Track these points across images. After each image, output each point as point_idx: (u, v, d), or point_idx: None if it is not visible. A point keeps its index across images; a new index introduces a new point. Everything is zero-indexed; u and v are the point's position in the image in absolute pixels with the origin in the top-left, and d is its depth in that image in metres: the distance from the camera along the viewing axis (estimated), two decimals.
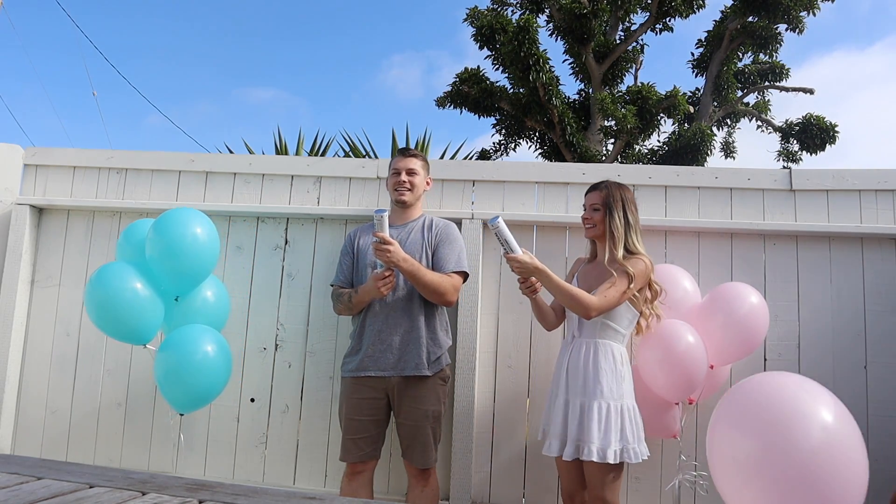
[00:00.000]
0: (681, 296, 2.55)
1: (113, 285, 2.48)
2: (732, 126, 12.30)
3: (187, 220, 2.58)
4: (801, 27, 10.04)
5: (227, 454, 2.99)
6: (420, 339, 2.45)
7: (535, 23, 9.08)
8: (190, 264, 2.57)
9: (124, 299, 2.47)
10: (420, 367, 2.43)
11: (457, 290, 2.52)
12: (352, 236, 2.68)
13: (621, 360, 2.27)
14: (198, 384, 2.54)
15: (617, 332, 2.29)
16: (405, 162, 2.60)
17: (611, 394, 2.20)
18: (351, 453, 2.46)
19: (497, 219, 2.23)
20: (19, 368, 3.14)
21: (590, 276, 2.37)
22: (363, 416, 2.46)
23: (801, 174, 2.88)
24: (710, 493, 2.66)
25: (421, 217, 2.64)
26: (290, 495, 1.25)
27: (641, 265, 2.27)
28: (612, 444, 2.16)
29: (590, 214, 2.38)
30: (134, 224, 2.78)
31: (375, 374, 2.45)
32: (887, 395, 2.68)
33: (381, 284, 2.36)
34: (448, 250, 2.53)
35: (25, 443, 3.11)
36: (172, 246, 2.53)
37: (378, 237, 2.31)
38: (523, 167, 3.12)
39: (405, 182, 2.58)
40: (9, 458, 1.58)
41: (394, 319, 2.46)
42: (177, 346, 2.55)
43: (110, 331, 2.57)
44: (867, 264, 2.78)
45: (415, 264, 2.39)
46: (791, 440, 1.69)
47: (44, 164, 3.27)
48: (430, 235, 2.56)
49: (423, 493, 2.47)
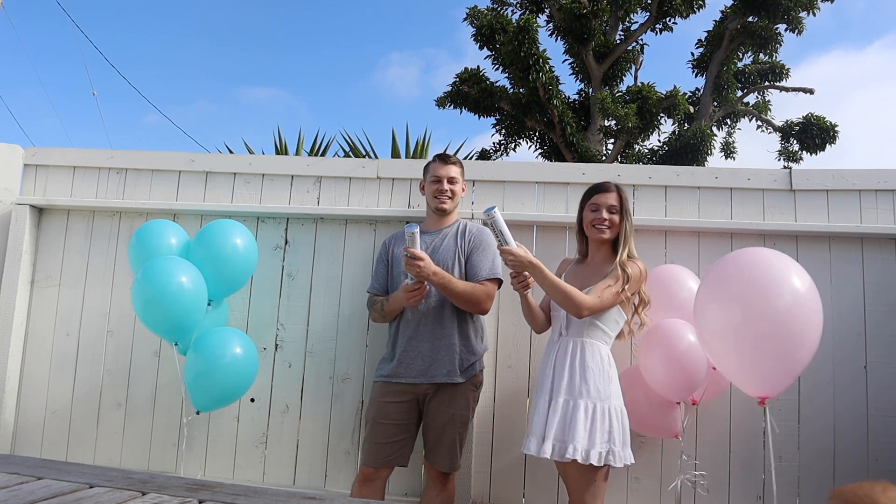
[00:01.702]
0: (686, 296, 2.54)
1: (165, 279, 2.51)
2: (732, 126, 12.30)
3: (236, 231, 2.73)
4: (800, 27, 10.04)
5: (227, 454, 2.99)
6: (453, 347, 2.43)
7: (535, 23, 9.09)
8: (234, 274, 2.72)
9: (173, 293, 2.50)
10: (452, 374, 2.41)
11: (491, 298, 2.48)
12: (387, 244, 2.67)
13: (608, 361, 2.23)
14: (227, 384, 2.62)
15: (604, 332, 2.26)
16: (447, 170, 2.57)
17: (598, 394, 2.16)
18: (371, 456, 2.42)
19: (493, 209, 2.20)
20: (19, 368, 3.14)
21: (580, 277, 2.34)
22: (389, 420, 2.43)
23: (801, 174, 2.88)
24: (711, 493, 2.67)
25: (455, 223, 2.61)
26: (290, 495, 1.25)
27: (637, 270, 2.26)
28: (596, 446, 2.09)
29: (608, 216, 2.31)
30: (146, 225, 2.77)
31: (406, 380, 2.43)
32: (887, 395, 2.68)
33: (411, 296, 2.36)
34: (482, 257, 2.50)
35: (25, 443, 3.11)
36: (220, 254, 2.66)
37: (409, 252, 2.29)
38: (523, 167, 3.12)
39: (447, 191, 2.55)
40: (9, 458, 1.58)
41: (425, 327, 2.44)
42: (211, 347, 2.61)
43: (155, 323, 2.59)
44: (867, 264, 2.77)
45: (445, 276, 2.36)
46: (768, 302, 2.06)
47: (44, 164, 3.27)
48: (464, 242, 2.53)
49: (440, 497, 2.44)
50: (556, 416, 2.15)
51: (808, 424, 2.71)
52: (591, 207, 2.35)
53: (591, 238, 2.37)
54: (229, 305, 3.03)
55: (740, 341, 2.10)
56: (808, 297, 2.09)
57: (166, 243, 2.69)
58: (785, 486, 2.69)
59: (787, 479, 2.69)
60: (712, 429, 2.74)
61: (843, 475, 2.66)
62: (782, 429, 2.72)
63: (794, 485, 2.69)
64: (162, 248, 2.68)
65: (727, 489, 2.71)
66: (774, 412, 2.73)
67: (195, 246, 2.70)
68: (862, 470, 2.66)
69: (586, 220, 2.36)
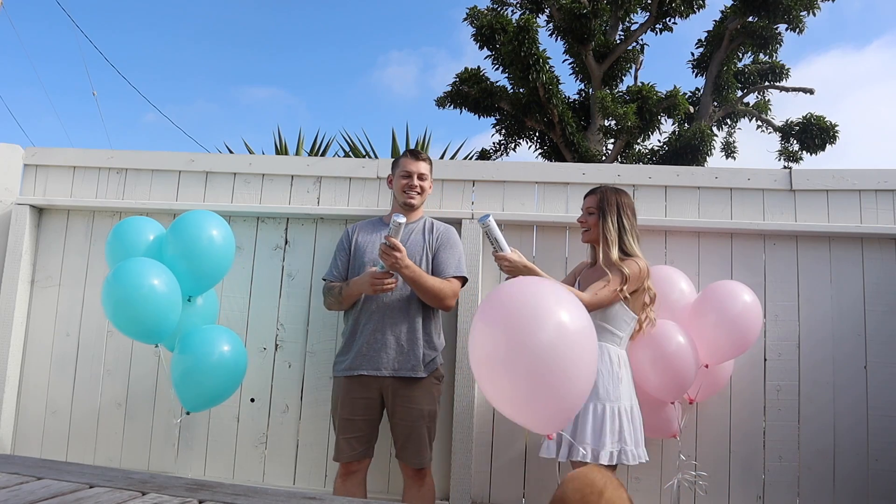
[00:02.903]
0: (677, 297, 2.55)
1: (135, 282, 2.43)
2: (732, 126, 12.28)
3: (208, 222, 2.63)
4: (801, 27, 10.03)
5: (227, 454, 2.99)
6: (417, 341, 2.46)
7: (535, 23, 9.07)
8: (210, 266, 2.62)
9: (144, 296, 2.43)
10: (416, 368, 2.44)
11: (455, 296, 2.54)
12: (349, 232, 2.68)
13: (618, 362, 2.26)
14: (214, 383, 2.58)
15: (613, 334, 2.29)
16: (416, 165, 2.59)
17: (606, 395, 2.20)
18: (345, 453, 2.45)
19: (487, 217, 2.24)
20: (19, 368, 3.14)
21: (590, 280, 2.38)
22: (357, 416, 2.46)
23: (801, 174, 2.88)
24: (710, 493, 2.67)
25: (422, 219, 2.64)
26: (290, 495, 1.25)
27: (636, 267, 2.29)
28: (606, 446, 2.14)
29: (584, 218, 2.42)
30: (124, 222, 2.73)
31: (369, 373, 2.45)
32: (887, 395, 2.68)
33: (376, 283, 2.36)
34: (449, 255, 2.53)
35: (25, 443, 3.11)
36: (193, 247, 2.57)
37: (390, 242, 2.29)
38: (523, 167, 3.12)
39: (416, 186, 2.58)
40: (9, 458, 1.58)
41: (391, 320, 2.46)
42: (197, 345, 2.57)
43: (127, 328, 2.53)
44: (867, 264, 2.77)
45: (417, 270, 2.39)
46: (530, 335, 1.82)
47: (44, 164, 3.27)
48: (431, 238, 2.57)
49: (421, 492, 2.47)
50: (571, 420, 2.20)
51: (808, 424, 2.71)
52: (581, 210, 2.47)
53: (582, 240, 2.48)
54: (229, 306, 3.03)
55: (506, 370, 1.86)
56: (575, 333, 1.86)
57: (143, 239, 2.64)
58: (785, 486, 2.69)
59: (787, 479, 2.69)
60: (712, 429, 2.74)
61: (843, 475, 2.67)
62: (782, 429, 2.72)
63: (794, 485, 2.69)
64: (139, 244, 2.62)
65: (727, 489, 2.71)
66: (774, 412, 2.73)
67: (168, 238, 2.61)
68: (862, 470, 2.66)
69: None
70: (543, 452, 2.27)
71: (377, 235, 2.58)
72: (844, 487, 2.66)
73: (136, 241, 2.64)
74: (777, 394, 2.74)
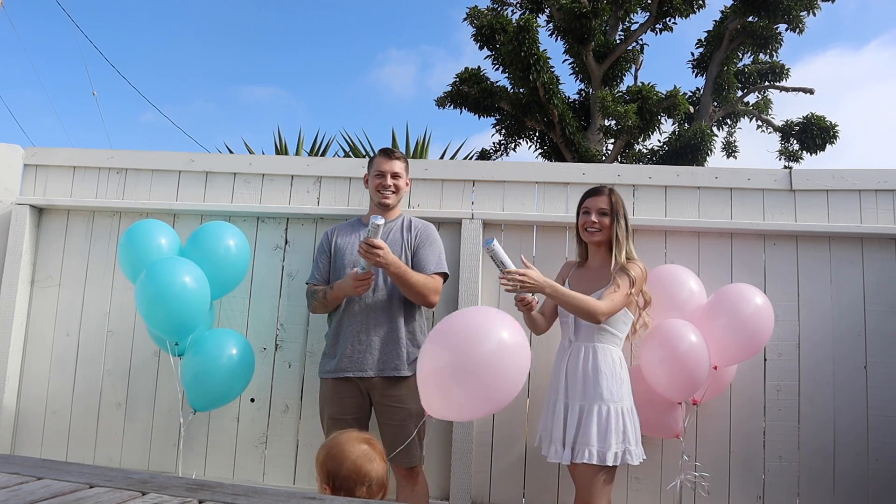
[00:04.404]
0: (686, 296, 2.55)
1: (170, 279, 2.51)
2: (733, 126, 12.28)
3: (229, 232, 2.77)
4: (801, 27, 10.03)
5: (227, 454, 2.99)
6: (400, 340, 2.47)
7: (535, 23, 9.08)
8: (229, 275, 2.76)
9: (177, 293, 2.52)
10: (399, 367, 2.45)
11: (438, 292, 2.53)
12: (328, 234, 2.69)
13: (620, 364, 2.28)
14: (225, 384, 2.65)
15: (614, 335, 2.30)
16: (391, 165, 2.59)
17: (611, 396, 2.21)
18: None
19: (492, 241, 2.21)
20: (19, 369, 3.14)
21: (582, 281, 2.38)
22: (347, 416, 2.46)
23: (801, 174, 2.88)
24: (712, 493, 2.67)
25: (399, 217, 2.64)
26: (290, 495, 1.25)
27: (638, 270, 2.31)
28: (611, 447, 2.16)
29: (598, 219, 2.36)
30: (136, 225, 2.77)
31: (354, 374, 2.45)
32: (887, 396, 2.68)
33: (359, 285, 2.37)
34: (429, 252, 2.54)
35: (25, 443, 3.11)
36: (219, 255, 2.68)
37: (369, 242, 2.29)
38: (523, 167, 3.12)
39: (390, 186, 2.58)
40: (9, 458, 1.57)
41: (374, 320, 2.47)
42: (211, 347, 2.64)
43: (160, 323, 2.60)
44: (867, 264, 2.78)
45: (402, 266, 2.40)
46: (473, 347, 2.02)
47: (44, 164, 3.27)
48: (410, 236, 2.57)
49: (414, 492, 2.46)
50: (574, 422, 2.22)
51: (807, 423, 2.71)
52: (583, 210, 2.42)
53: (587, 241, 2.42)
54: (229, 306, 3.03)
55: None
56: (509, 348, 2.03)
57: (156, 244, 2.70)
58: (785, 485, 2.69)
59: (786, 479, 2.69)
60: (712, 429, 2.74)
61: (843, 474, 2.67)
62: (782, 428, 2.73)
63: (794, 485, 2.69)
64: (152, 248, 2.67)
65: (727, 489, 2.71)
66: (774, 412, 2.73)
67: (189, 248, 2.72)
68: (862, 469, 2.66)
69: (580, 224, 2.43)
70: (551, 456, 2.28)
71: (356, 236, 2.59)
72: (844, 487, 2.66)
73: (148, 246, 2.68)
74: (777, 394, 2.74)
